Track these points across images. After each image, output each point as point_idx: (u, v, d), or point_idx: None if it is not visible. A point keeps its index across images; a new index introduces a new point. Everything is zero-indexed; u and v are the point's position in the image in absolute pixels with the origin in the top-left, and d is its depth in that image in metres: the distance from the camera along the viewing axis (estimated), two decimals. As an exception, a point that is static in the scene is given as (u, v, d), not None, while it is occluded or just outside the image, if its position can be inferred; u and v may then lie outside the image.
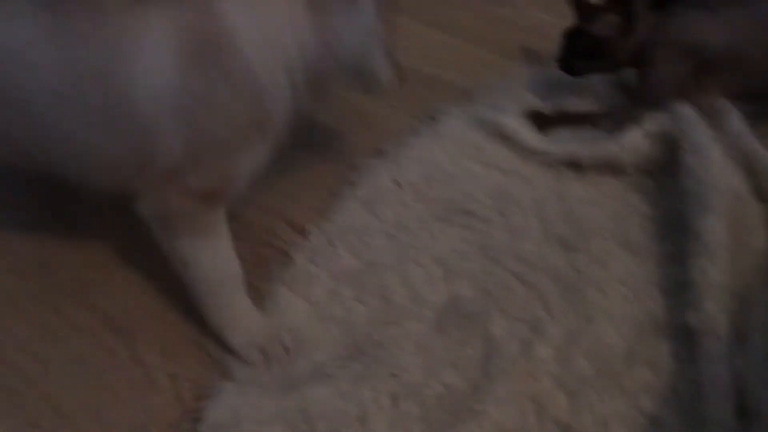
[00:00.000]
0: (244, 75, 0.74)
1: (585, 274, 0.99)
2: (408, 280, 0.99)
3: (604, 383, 0.86)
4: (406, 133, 1.25)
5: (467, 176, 1.16)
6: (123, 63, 0.69)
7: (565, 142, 1.19)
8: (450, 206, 1.10)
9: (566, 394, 0.85)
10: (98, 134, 0.74)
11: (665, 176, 1.12)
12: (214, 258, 0.85)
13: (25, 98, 0.71)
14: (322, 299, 0.97)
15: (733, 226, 0.97)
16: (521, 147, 1.18)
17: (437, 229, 1.07)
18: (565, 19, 1.23)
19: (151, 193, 0.80)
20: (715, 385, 0.83)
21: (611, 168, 1.14)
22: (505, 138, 1.20)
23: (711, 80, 1.16)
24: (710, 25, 1.15)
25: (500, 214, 1.08)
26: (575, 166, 1.16)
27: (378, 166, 1.18)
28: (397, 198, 1.12)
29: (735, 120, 1.12)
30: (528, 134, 1.19)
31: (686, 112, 1.12)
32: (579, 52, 1.21)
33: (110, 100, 0.71)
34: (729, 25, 1.14)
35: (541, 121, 1.24)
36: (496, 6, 1.62)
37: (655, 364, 0.89)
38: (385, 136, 1.24)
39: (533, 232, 1.06)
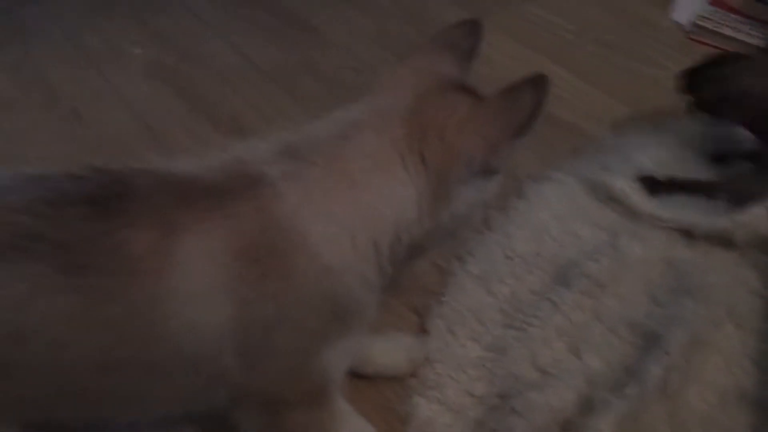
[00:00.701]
0: (319, 280, 0.66)
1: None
2: (536, 361, 1.00)
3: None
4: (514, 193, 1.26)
5: (577, 240, 1.17)
6: (162, 312, 0.63)
7: (678, 209, 1.19)
8: (565, 271, 1.11)
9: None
10: (154, 388, 0.70)
11: None
12: None
13: (66, 378, 0.66)
14: (456, 399, 0.97)
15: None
16: (631, 210, 1.19)
17: (555, 297, 1.07)
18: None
19: (253, 416, 0.75)
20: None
21: (723, 241, 1.15)
22: (614, 200, 1.21)
23: None
24: None
25: (613, 278, 1.09)
26: (686, 232, 1.17)
27: (486, 238, 1.19)
28: (511, 272, 1.14)
29: None
30: (638, 197, 1.20)
31: None
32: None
33: (156, 355, 0.66)
34: None
35: (653, 186, 1.24)
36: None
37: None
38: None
39: (640, 297, 1.08)
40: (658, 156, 1.32)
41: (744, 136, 1.28)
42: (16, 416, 0.71)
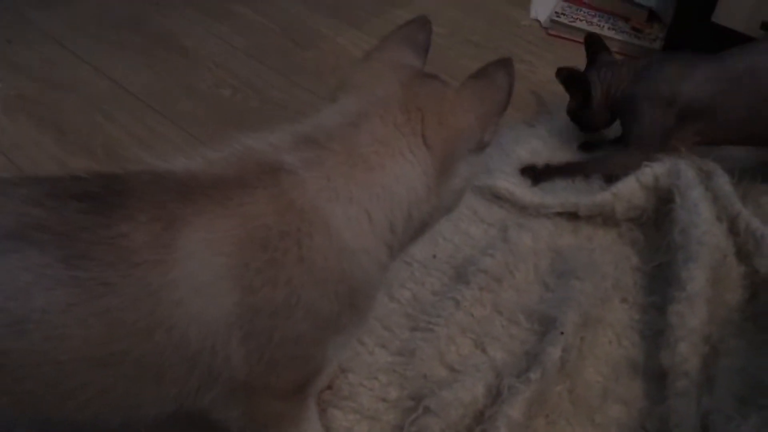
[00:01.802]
0: (338, 261, 0.69)
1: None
2: (444, 359, 1.03)
3: (580, 417, 0.96)
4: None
5: (469, 239, 1.22)
6: (163, 304, 0.64)
7: (561, 194, 1.28)
8: (462, 270, 1.15)
9: (546, 423, 0.95)
10: (149, 384, 0.68)
11: (654, 230, 1.21)
12: None
13: (62, 372, 0.65)
14: (370, 406, 0.98)
15: (713, 279, 1.05)
16: (518, 204, 1.26)
17: (457, 296, 1.10)
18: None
19: (229, 405, 0.74)
20: (683, 421, 0.92)
21: (604, 219, 1.23)
22: (500, 198, 1.28)
23: (690, 129, 1.26)
24: (689, 78, 1.25)
25: (507, 270, 1.15)
26: (571, 217, 1.25)
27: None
28: (410, 276, 1.16)
29: (722, 182, 1.18)
30: (522, 192, 1.27)
31: (683, 168, 1.18)
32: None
33: (156, 346, 0.65)
34: (706, 77, 1.24)
35: (535, 175, 1.34)
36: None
37: (627, 402, 0.98)
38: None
39: (534, 285, 1.15)
40: (533, 147, 1.40)
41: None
42: (10, 416, 0.71)
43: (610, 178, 1.27)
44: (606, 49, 1.41)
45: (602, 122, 1.39)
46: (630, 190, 1.21)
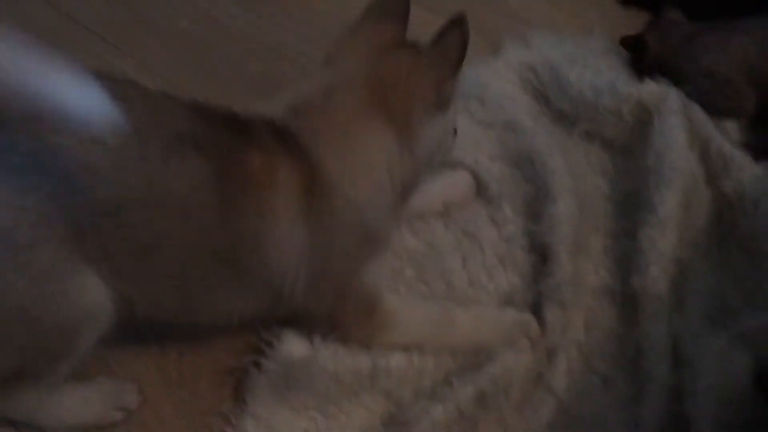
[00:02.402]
0: (352, 214, 0.82)
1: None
2: (467, 265, 1.07)
3: (565, 344, 0.98)
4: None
5: None
6: (265, 224, 0.77)
7: None
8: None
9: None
10: (238, 287, 0.81)
11: (623, 158, 1.21)
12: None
13: (186, 258, 0.76)
14: (386, 277, 1.01)
15: (683, 203, 1.07)
16: None
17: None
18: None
19: (317, 324, 0.90)
20: (655, 343, 0.95)
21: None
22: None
23: None
24: None
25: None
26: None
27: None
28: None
29: (696, 108, 1.18)
30: None
31: (672, 95, 1.16)
32: None
33: (252, 261, 0.79)
34: None
35: None
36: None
37: (605, 329, 1.00)
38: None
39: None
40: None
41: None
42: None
43: None
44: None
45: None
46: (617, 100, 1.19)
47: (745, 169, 1.11)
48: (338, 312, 0.88)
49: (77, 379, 0.86)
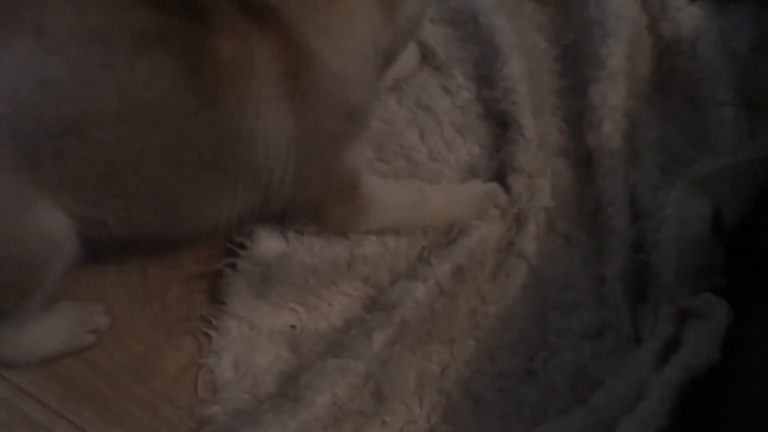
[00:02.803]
0: (337, 89, 0.78)
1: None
2: (426, 139, 1.04)
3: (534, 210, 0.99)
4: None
5: None
6: (247, 115, 0.72)
7: None
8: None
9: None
10: (226, 189, 0.78)
11: (557, 9, 1.17)
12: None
13: (167, 170, 0.72)
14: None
15: (628, 54, 1.06)
16: None
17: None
18: None
19: (297, 216, 0.89)
20: (613, 197, 0.97)
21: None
22: None
23: None
24: None
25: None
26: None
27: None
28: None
29: None
30: None
31: None
32: None
33: (239, 159, 0.75)
34: None
35: None
36: None
37: (563, 189, 1.02)
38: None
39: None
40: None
41: None
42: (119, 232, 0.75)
43: None
44: None
45: None
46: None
47: (682, 8, 1.11)
48: (321, 199, 0.86)
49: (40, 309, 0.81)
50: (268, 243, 0.89)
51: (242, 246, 0.90)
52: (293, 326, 0.92)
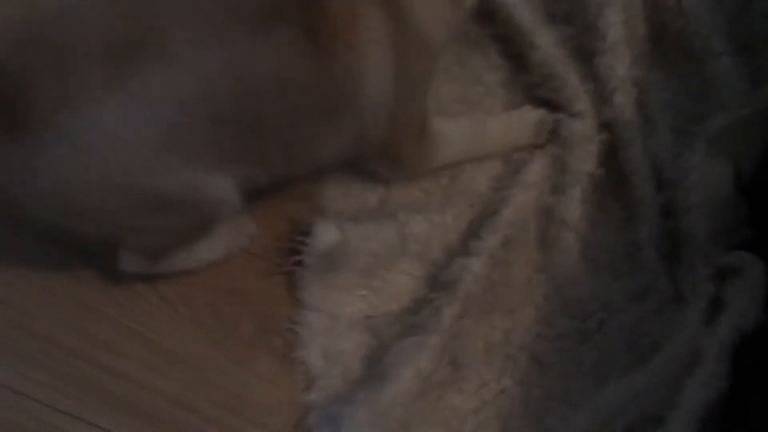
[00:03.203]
0: (425, 36, 0.86)
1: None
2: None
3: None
4: None
5: None
6: (356, 63, 0.81)
7: None
8: None
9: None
10: (335, 129, 0.87)
11: None
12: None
13: (295, 117, 0.82)
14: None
15: (625, 19, 1.08)
16: None
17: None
18: None
19: (375, 159, 0.98)
20: (637, 166, 1.02)
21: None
22: None
23: None
24: None
25: None
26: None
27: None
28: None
29: None
30: None
31: None
32: None
33: (350, 101, 0.84)
34: None
35: None
36: None
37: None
38: None
39: None
40: None
41: None
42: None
43: None
44: None
45: None
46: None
47: None
48: (403, 138, 0.95)
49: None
50: (325, 235, 0.97)
51: (303, 243, 0.98)
52: (369, 316, 1.00)
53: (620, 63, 1.06)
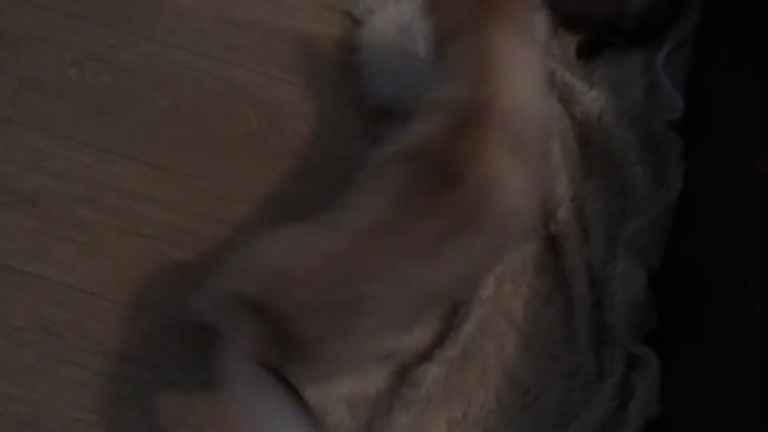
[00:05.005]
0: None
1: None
2: None
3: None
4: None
5: None
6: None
7: None
8: None
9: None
10: None
11: None
12: None
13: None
14: None
15: (561, 143, 1.38)
16: None
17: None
18: None
19: None
20: (574, 271, 1.30)
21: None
22: None
23: None
24: None
25: None
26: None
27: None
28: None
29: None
30: None
31: None
32: None
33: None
34: None
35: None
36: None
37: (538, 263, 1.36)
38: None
39: None
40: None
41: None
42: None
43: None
44: None
45: None
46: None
47: (585, 93, 1.42)
48: None
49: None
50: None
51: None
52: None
53: (560, 184, 1.35)
